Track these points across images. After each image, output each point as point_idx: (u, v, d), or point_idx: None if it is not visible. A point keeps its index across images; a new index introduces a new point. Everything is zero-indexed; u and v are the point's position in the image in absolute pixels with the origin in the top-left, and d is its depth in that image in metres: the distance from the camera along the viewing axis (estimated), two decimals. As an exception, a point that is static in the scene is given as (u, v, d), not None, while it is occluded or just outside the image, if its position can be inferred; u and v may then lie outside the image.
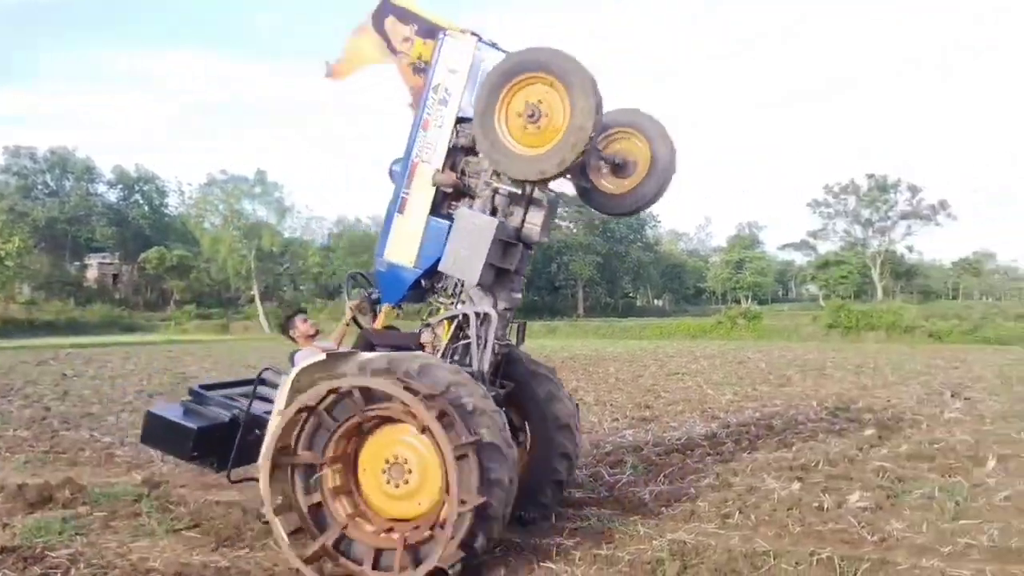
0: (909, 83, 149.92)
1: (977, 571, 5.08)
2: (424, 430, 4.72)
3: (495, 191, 5.81)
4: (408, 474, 4.93)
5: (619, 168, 6.17)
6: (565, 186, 6.37)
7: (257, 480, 5.16)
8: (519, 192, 5.81)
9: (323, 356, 5.31)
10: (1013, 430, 10.38)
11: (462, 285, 5.84)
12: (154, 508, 6.75)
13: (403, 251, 5.93)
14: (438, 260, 5.78)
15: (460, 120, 5.83)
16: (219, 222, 64.08)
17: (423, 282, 6.02)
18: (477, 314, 5.76)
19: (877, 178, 73.21)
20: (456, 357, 5.81)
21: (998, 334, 40.18)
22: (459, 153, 5.96)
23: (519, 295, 6.21)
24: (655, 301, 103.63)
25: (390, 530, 4.97)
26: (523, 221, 5.89)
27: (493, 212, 5.81)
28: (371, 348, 5.72)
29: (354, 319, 6.31)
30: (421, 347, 5.90)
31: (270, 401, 5.76)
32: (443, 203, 5.94)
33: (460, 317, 5.83)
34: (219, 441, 5.94)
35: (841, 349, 33.24)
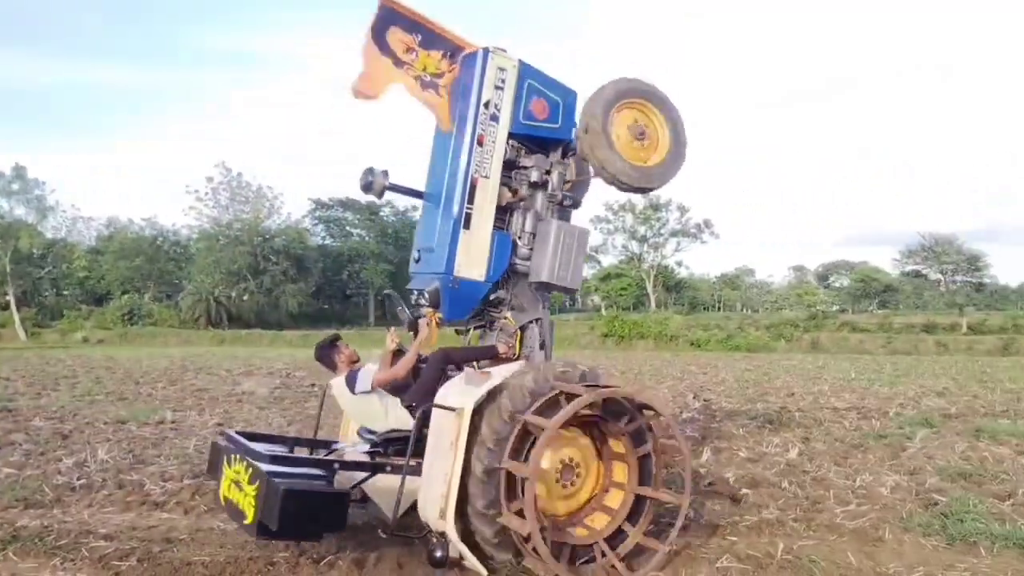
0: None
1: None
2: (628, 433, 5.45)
3: (560, 201, 6.33)
4: (577, 474, 5.37)
5: None
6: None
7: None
8: (572, 202, 6.43)
9: (491, 380, 5.24)
10: (733, 426, 11.80)
11: (513, 294, 6.25)
12: None
13: (473, 266, 5.98)
14: (504, 271, 6.11)
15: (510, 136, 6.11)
16: (-32, 221, 58.25)
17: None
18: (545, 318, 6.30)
19: (651, 197, 78.48)
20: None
21: (748, 342, 44.50)
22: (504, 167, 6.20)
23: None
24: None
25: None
26: None
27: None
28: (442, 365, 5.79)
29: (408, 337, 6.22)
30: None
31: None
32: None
33: (534, 323, 6.26)
34: None
35: (613, 357, 35.53)
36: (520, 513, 4.97)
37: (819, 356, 37.92)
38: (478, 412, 5.10)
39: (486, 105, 5.96)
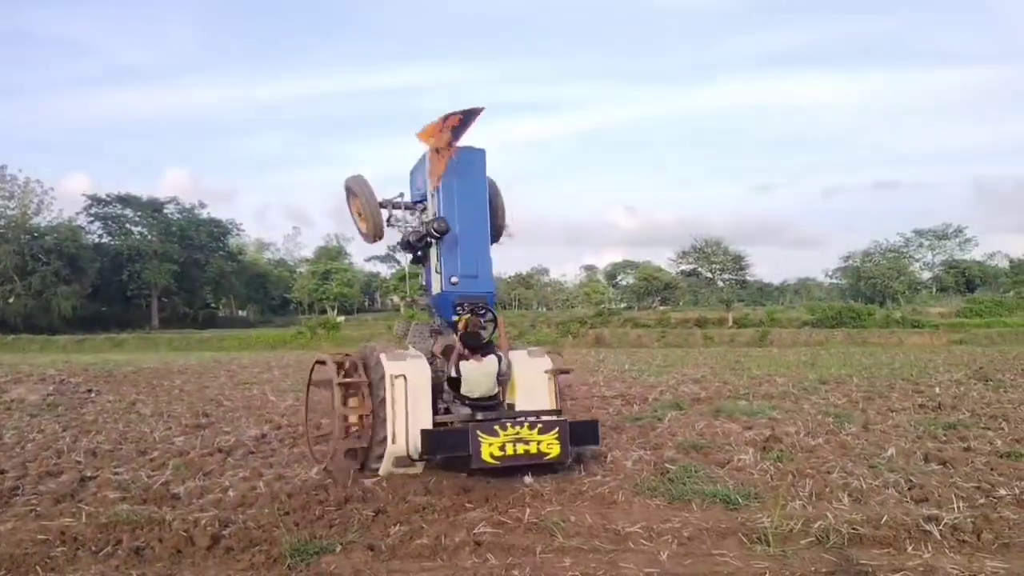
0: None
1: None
2: None
3: None
4: None
5: None
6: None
7: None
8: None
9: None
10: (510, 416, 12.75)
11: None
12: None
13: None
14: None
15: None
16: None
17: None
18: None
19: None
20: None
21: (538, 339, 46.68)
22: None
23: None
24: (239, 312, 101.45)
25: None
26: None
27: None
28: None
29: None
30: None
31: None
32: None
33: None
34: None
35: (408, 355, 36.09)
36: None
37: (602, 350, 40.51)
38: None
39: None
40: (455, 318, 8.63)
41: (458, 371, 8.37)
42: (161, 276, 75.17)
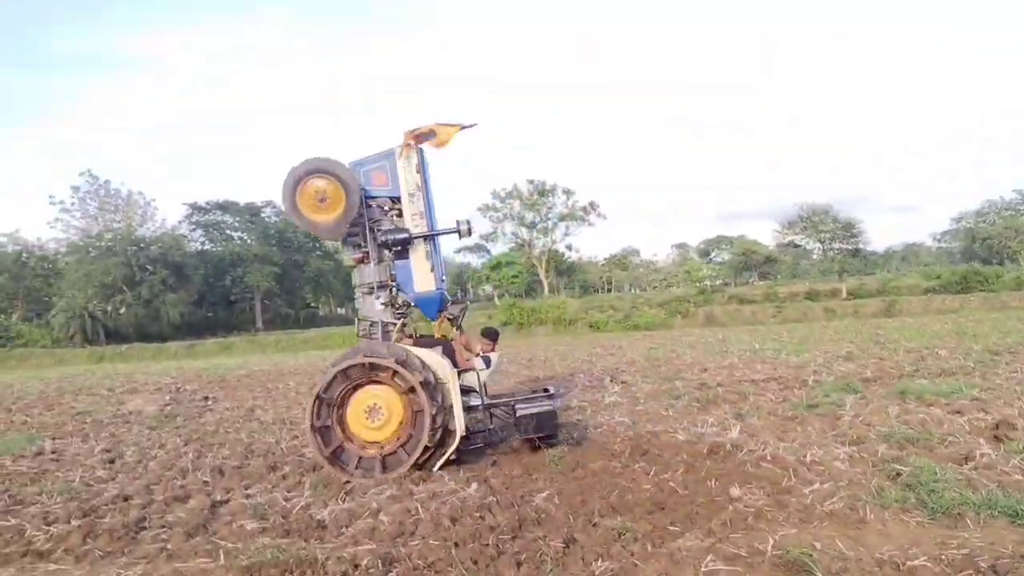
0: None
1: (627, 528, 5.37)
2: None
3: None
4: None
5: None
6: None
7: None
8: None
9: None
10: (661, 407, 11.42)
11: None
12: None
13: None
14: None
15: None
16: None
17: None
18: None
19: (537, 183, 78.25)
20: None
21: (645, 320, 44.99)
22: None
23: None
24: (338, 310, 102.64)
25: None
26: None
27: None
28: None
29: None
30: None
31: None
32: None
33: None
34: None
35: (514, 344, 35.06)
36: None
37: (715, 330, 38.57)
38: None
39: None
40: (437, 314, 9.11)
41: (487, 362, 9.24)
42: (263, 279, 76.27)
